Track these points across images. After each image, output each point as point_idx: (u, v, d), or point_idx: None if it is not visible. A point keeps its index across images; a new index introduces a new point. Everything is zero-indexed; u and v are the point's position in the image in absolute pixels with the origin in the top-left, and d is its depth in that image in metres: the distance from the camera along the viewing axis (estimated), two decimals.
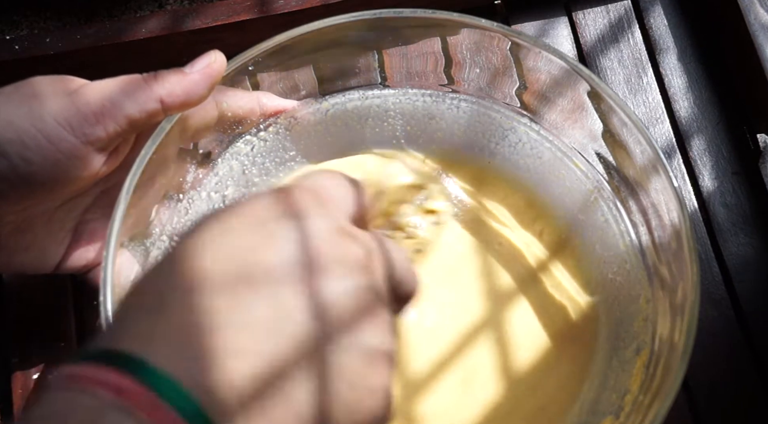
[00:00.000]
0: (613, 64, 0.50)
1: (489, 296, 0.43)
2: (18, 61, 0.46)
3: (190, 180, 0.42)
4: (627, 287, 0.42)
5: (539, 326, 0.42)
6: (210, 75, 0.38)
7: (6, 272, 0.45)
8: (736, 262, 0.46)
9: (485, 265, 0.44)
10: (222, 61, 0.38)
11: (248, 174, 0.44)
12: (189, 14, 0.47)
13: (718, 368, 0.44)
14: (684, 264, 0.37)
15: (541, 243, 0.44)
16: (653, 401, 0.35)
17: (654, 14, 0.51)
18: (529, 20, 0.51)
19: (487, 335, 0.42)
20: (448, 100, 0.45)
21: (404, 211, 0.42)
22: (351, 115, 0.45)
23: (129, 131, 0.37)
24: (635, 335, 0.40)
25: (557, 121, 0.44)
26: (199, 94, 0.38)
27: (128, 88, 0.36)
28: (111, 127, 0.36)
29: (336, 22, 0.40)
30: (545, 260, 0.44)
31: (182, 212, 0.42)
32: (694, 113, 0.49)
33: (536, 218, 0.45)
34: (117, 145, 0.38)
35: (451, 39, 0.43)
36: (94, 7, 0.52)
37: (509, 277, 0.43)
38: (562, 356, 0.42)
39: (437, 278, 0.43)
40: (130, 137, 0.39)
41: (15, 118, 0.35)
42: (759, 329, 0.45)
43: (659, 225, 0.40)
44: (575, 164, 0.44)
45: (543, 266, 0.44)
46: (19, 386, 0.43)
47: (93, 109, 0.35)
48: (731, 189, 0.48)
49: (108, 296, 0.36)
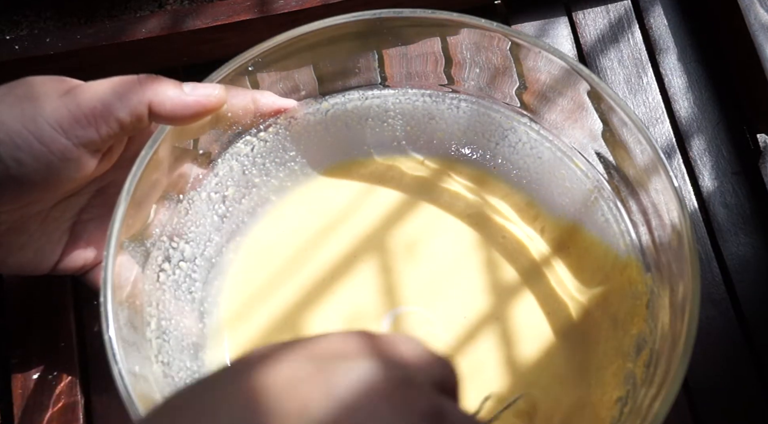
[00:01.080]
0: (613, 64, 0.50)
1: (492, 291, 0.43)
2: (18, 61, 0.46)
3: (190, 180, 0.42)
4: (627, 287, 0.42)
5: (542, 322, 0.42)
6: (204, 105, 0.38)
7: (2, 272, 0.45)
8: (736, 262, 0.46)
9: (489, 259, 0.44)
10: (222, 97, 0.38)
11: (248, 174, 0.44)
12: (189, 14, 0.47)
13: (718, 368, 0.44)
14: (684, 264, 0.37)
15: (543, 239, 0.44)
16: (653, 401, 0.35)
17: (654, 14, 0.51)
18: (529, 20, 0.51)
19: (490, 330, 0.42)
20: (448, 100, 0.45)
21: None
22: (351, 116, 0.45)
23: (120, 133, 0.37)
24: (635, 334, 0.40)
25: (557, 121, 0.44)
26: (185, 117, 0.37)
27: (120, 90, 0.36)
28: (103, 129, 0.36)
29: (336, 22, 0.40)
30: (548, 255, 0.44)
31: (182, 212, 0.42)
32: (694, 113, 0.49)
33: (537, 215, 0.45)
34: (110, 145, 0.38)
35: (451, 39, 0.43)
36: (94, 7, 0.52)
37: (513, 270, 0.43)
38: (561, 354, 0.42)
39: (442, 271, 0.44)
40: (123, 138, 0.39)
41: (7, 120, 0.35)
42: (759, 329, 0.45)
43: (659, 225, 0.40)
44: (575, 164, 0.44)
45: (546, 260, 0.44)
46: (19, 386, 0.43)
47: (85, 111, 0.35)
48: (731, 189, 0.48)
49: (108, 296, 0.36)
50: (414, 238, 0.44)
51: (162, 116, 0.37)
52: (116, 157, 0.39)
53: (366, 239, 0.44)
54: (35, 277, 0.44)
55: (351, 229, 0.45)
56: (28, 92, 0.35)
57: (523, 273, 0.44)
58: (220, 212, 0.44)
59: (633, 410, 0.37)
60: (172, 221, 0.42)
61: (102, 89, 0.36)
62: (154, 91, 0.36)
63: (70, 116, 0.35)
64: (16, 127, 0.35)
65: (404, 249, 0.44)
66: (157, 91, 0.37)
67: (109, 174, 0.40)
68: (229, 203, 0.44)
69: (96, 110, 0.35)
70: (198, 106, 0.37)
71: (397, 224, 0.45)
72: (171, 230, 0.42)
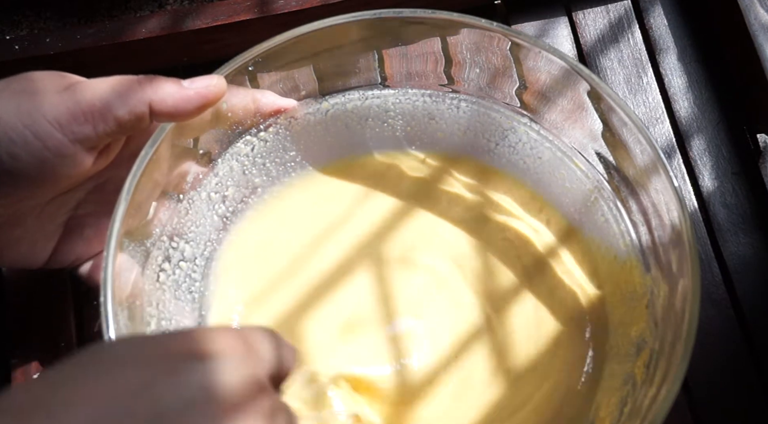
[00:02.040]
0: (613, 64, 0.50)
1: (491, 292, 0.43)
2: (18, 61, 0.46)
3: (190, 180, 0.42)
4: (627, 286, 0.42)
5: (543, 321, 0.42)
6: (205, 96, 0.37)
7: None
8: (736, 262, 0.46)
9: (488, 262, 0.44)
10: (222, 86, 0.38)
11: (248, 175, 0.44)
12: (189, 14, 0.47)
13: (718, 368, 0.44)
14: (684, 264, 0.37)
15: (550, 230, 0.44)
16: (653, 402, 0.35)
17: (654, 14, 0.51)
18: (529, 20, 0.51)
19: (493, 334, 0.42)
20: (448, 100, 0.45)
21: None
22: (351, 116, 0.45)
23: (118, 132, 0.36)
24: (636, 334, 0.40)
25: (557, 121, 0.44)
26: (188, 110, 0.37)
27: (120, 89, 0.36)
28: (100, 127, 0.35)
29: (336, 22, 0.40)
30: (554, 245, 0.44)
31: (182, 212, 0.42)
32: (694, 113, 0.49)
33: (542, 208, 0.45)
34: (108, 143, 0.37)
35: (451, 39, 0.43)
36: (94, 7, 0.52)
37: (513, 271, 0.43)
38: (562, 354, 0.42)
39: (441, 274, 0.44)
40: (121, 137, 0.39)
41: (3, 114, 0.34)
42: (759, 329, 0.45)
43: (659, 225, 0.40)
44: (575, 164, 0.44)
45: (553, 251, 0.44)
46: None
47: (83, 107, 0.35)
48: (731, 189, 0.48)
49: (108, 296, 0.36)
50: (412, 242, 0.44)
51: (165, 113, 0.37)
52: (114, 155, 0.39)
53: (365, 242, 0.44)
54: (35, 277, 0.44)
55: (351, 231, 0.44)
56: (27, 87, 0.35)
57: (522, 274, 0.44)
58: (220, 212, 0.44)
59: (633, 410, 0.37)
60: (172, 220, 0.42)
61: (102, 87, 0.36)
62: (153, 90, 0.36)
63: (68, 112, 0.35)
64: (12, 122, 0.34)
65: (403, 254, 0.44)
66: (157, 90, 0.36)
67: (107, 171, 0.40)
68: (229, 203, 0.44)
69: (94, 108, 0.35)
70: (199, 97, 0.37)
71: (396, 225, 0.45)
72: (171, 230, 0.42)
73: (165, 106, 0.36)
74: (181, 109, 0.37)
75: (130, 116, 0.36)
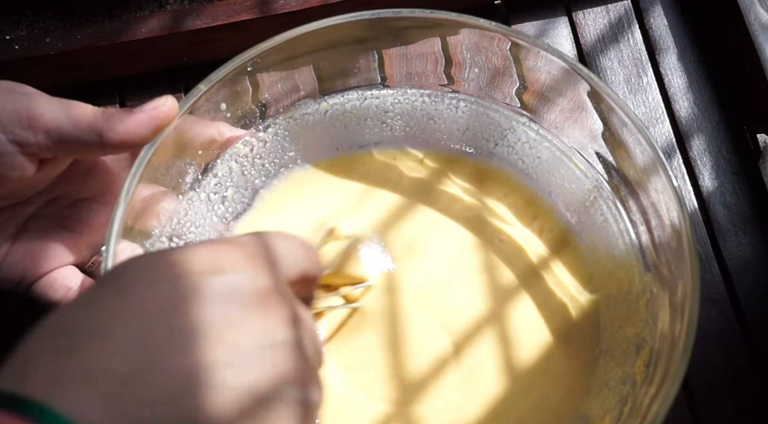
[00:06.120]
0: (613, 64, 0.50)
1: (490, 293, 0.43)
2: (18, 61, 0.46)
3: (190, 181, 0.42)
4: (626, 287, 0.42)
5: (541, 323, 0.42)
6: (156, 117, 0.37)
7: None
8: (736, 262, 0.46)
9: (487, 262, 0.44)
10: (172, 105, 0.38)
11: (247, 175, 0.44)
12: (189, 14, 0.47)
13: (718, 368, 0.44)
14: (684, 264, 0.37)
15: (542, 240, 0.44)
16: (653, 401, 0.35)
17: (654, 14, 0.51)
18: (529, 20, 0.51)
19: (489, 332, 0.42)
20: (447, 100, 0.45)
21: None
22: (350, 116, 0.45)
23: (59, 150, 0.36)
24: (635, 334, 0.40)
25: (557, 121, 0.44)
26: (142, 134, 0.37)
27: (73, 112, 0.36)
28: (41, 137, 0.35)
29: (336, 22, 0.40)
30: (546, 256, 0.44)
31: (182, 213, 0.42)
32: (694, 113, 0.49)
33: (536, 216, 0.45)
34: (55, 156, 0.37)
35: (451, 39, 0.43)
36: (94, 7, 0.52)
37: (511, 273, 0.43)
38: (561, 354, 0.42)
39: (440, 273, 0.44)
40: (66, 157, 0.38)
41: None
42: (759, 329, 0.45)
43: (659, 225, 0.40)
44: (575, 164, 0.44)
45: (544, 262, 0.44)
46: None
47: (30, 113, 0.35)
48: (731, 189, 0.48)
49: None
50: (412, 240, 0.44)
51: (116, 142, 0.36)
52: (62, 169, 0.38)
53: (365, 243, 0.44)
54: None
55: (350, 231, 0.44)
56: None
57: (521, 274, 0.44)
58: (220, 213, 0.44)
59: (633, 410, 0.37)
60: (172, 221, 0.42)
61: (56, 103, 0.36)
62: (104, 120, 0.36)
63: (15, 113, 0.35)
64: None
65: (403, 252, 0.44)
66: (108, 120, 0.36)
67: (59, 186, 0.39)
68: (229, 204, 0.44)
69: (41, 117, 0.35)
70: (152, 118, 0.37)
71: (396, 226, 0.45)
72: (171, 231, 0.42)
73: (115, 135, 0.36)
74: (134, 134, 0.36)
75: (77, 138, 0.36)
